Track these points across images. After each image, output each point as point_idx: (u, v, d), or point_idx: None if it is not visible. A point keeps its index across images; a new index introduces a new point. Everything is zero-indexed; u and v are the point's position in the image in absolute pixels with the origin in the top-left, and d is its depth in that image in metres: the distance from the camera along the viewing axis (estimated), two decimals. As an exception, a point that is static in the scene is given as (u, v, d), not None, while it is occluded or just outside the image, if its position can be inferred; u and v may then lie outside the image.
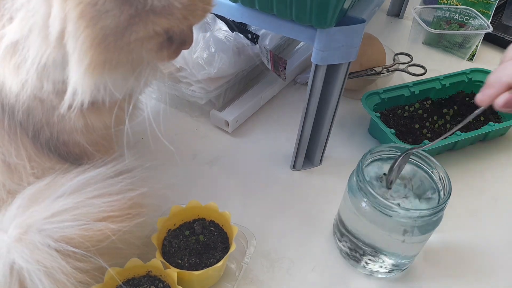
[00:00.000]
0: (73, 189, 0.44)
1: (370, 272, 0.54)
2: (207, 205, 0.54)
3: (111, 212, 0.43)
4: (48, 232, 0.40)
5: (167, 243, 0.52)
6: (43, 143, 0.47)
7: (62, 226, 0.40)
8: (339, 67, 0.54)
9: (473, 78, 0.79)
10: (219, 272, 0.52)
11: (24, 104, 0.42)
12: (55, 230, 0.40)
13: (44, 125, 0.46)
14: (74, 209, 0.42)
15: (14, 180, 0.44)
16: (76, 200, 0.42)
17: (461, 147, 0.72)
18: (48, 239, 0.40)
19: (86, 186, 0.44)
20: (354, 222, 0.52)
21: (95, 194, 0.43)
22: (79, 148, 0.49)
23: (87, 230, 0.41)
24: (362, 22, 0.51)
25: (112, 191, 0.44)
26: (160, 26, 0.36)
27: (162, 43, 0.39)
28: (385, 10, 1.12)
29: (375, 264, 0.53)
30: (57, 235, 0.40)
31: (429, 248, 0.58)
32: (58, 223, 0.40)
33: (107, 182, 0.45)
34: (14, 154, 0.44)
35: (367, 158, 0.51)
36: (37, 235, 0.40)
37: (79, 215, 0.41)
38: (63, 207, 0.42)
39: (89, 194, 0.43)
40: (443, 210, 0.47)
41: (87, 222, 0.41)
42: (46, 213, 0.41)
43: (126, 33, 0.35)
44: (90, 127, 0.47)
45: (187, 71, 0.70)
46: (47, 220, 0.40)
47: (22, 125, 0.45)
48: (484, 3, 0.90)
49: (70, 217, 0.41)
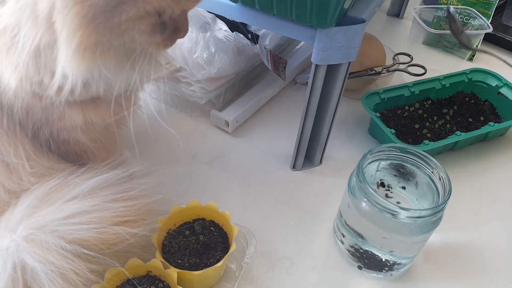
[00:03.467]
0: (87, 191, 0.44)
1: (369, 272, 0.54)
2: (207, 205, 0.54)
3: (127, 217, 0.43)
4: (61, 233, 0.40)
5: (167, 243, 0.52)
6: (43, 142, 0.47)
7: (77, 228, 0.40)
8: (339, 67, 0.54)
9: (473, 78, 0.79)
10: (219, 272, 0.52)
11: (23, 101, 0.42)
12: (70, 232, 0.40)
13: (44, 123, 0.45)
14: (90, 212, 0.42)
15: (14, 179, 0.44)
16: (91, 203, 0.43)
17: (461, 147, 0.72)
18: (61, 240, 0.40)
19: (101, 190, 0.45)
20: (355, 222, 0.52)
21: (111, 198, 0.44)
22: (79, 146, 0.49)
23: (103, 233, 0.41)
24: (362, 22, 0.51)
25: (128, 196, 0.45)
26: (150, 5, 0.36)
27: (154, 26, 0.38)
28: (385, 10, 1.12)
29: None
30: (70, 237, 0.40)
31: (429, 248, 0.58)
32: (73, 225, 0.41)
33: (123, 187, 0.46)
34: (13, 154, 0.44)
35: (367, 158, 0.51)
36: (49, 236, 0.40)
37: (95, 218, 0.42)
38: (78, 209, 0.42)
39: (105, 198, 0.44)
40: (443, 210, 0.47)
41: (104, 226, 0.41)
42: (60, 215, 0.41)
43: (117, 12, 0.34)
44: (90, 123, 0.47)
45: (187, 71, 0.70)
46: (61, 222, 0.41)
47: (21, 124, 0.45)
48: (484, 3, 0.90)
49: (86, 220, 0.41)
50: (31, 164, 0.45)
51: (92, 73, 0.40)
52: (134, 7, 0.35)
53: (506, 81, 0.76)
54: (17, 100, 0.42)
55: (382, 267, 0.53)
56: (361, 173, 0.49)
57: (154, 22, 0.38)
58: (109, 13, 0.34)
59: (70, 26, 0.33)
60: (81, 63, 0.36)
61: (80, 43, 0.34)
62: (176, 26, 0.41)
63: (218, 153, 0.70)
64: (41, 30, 0.34)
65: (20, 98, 0.42)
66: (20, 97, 0.42)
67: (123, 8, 0.34)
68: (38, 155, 0.46)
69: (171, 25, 0.41)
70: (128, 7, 0.35)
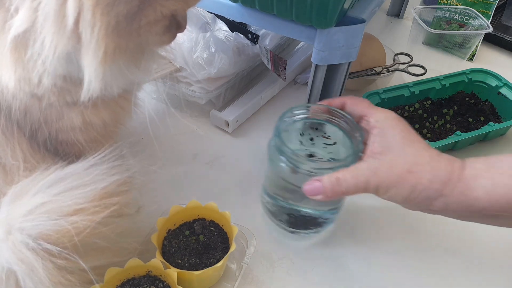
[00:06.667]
0: (51, 182, 0.41)
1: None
2: (207, 205, 0.54)
3: (82, 204, 0.40)
4: (27, 230, 0.38)
5: (167, 243, 0.52)
6: (40, 143, 0.47)
7: (37, 223, 0.38)
8: (339, 67, 0.54)
9: (473, 78, 0.79)
10: (219, 272, 0.52)
11: (22, 102, 0.42)
12: (33, 227, 0.38)
13: (42, 124, 0.45)
14: (48, 204, 0.39)
15: (7, 181, 0.43)
16: (51, 193, 0.40)
17: (461, 147, 0.72)
18: (27, 238, 0.38)
19: (64, 179, 0.42)
20: (279, 189, 0.52)
21: (69, 187, 0.41)
22: (77, 147, 0.49)
23: (60, 225, 0.38)
24: (362, 22, 0.51)
25: (86, 182, 0.42)
26: (168, 9, 0.37)
27: (167, 26, 0.40)
28: (385, 10, 1.12)
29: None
30: (34, 233, 0.38)
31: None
32: (34, 220, 0.38)
33: (84, 173, 0.43)
34: (10, 155, 0.43)
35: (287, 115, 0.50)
36: (18, 234, 0.38)
37: (52, 210, 0.39)
38: (38, 202, 0.39)
39: (64, 187, 0.41)
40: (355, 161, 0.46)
41: (59, 216, 0.39)
42: (24, 210, 0.39)
43: (137, 18, 0.36)
44: (89, 124, 0.46)
45: (187, 71, 0.70)
46: (25, 218, 0.38)
47: (19, 125, 0.45)
48: (484, 3, 0.90)
49: (44, 212, 0.39)
50: (26, 165, 0.44)
51: (110, 76, 0.40)
52: (153, 12, 0.36)
53: (506, 81, 0.76)
54: (16, 100, 0.42)
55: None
56: (279, 135, 0.48)
57: (167, 23, 0.40)
58: (130, 19, 0.35)
59: (98, 36, 0.34)
60: (105, 69, 0.37)
61: (105, 51, 0.35)
62: (179, 22, 0.43)
63: (218, 153, 0.70)
64: (65, 39, 0.35)
65: (19, 99, 0.42)
66: (19, 97, 0.41)
67: (143, 13, 0.36)
68: (35, 156, 0.46)
69: (175, 23, 0.42)
70: (147, 12, 0.36)
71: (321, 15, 0.47)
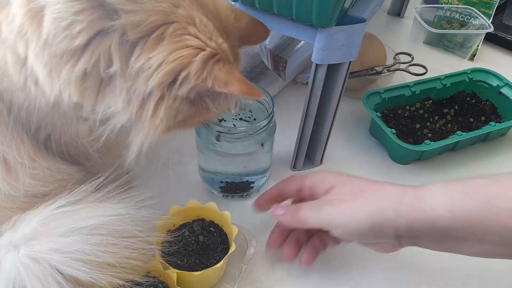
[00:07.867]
0: (93, 227, 0.42)
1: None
2: (207, 205, 0.54)
3: (112, 259, 0.41)
4: (59, 267, 0.39)
5: (166, 243, 0.51)
6: (41, 142, 0.46)
7: (75, 266, 0.39)
8: (340, 66, 0.54)
9: (474, 78, 0.79)
10: (219, 272, 0.52)
11: (40, 112, 0.42)
12: (67, 268, 0.39)
13: (48, 125, 0.45)
14: (90, 254, 0.40)
15: (10, 180, 0.43)
16: (84, 239, 0.41)
17: (462, 147, 0.72)
18: (57, 274, 0.39)
19: (105, 225, 0.42)
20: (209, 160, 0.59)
21: (113, 241, 0.42)
22: (86, 157, 0.49)
23: (94, 278, 0.39)
24: (362, 21, 0.51)
25: (112, 232, 0.42)
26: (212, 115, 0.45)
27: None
28: (386, 10, 1.11)
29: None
30: (66, 273, 0.39)
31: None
32: (72, 262, 0.39)
33: (109, 220, 0.43)
34: (16, 153, 0.43)
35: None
36: (47, 264, 0.39)
37: (86, 259, 0.40)
38: (81, 245, 0.40)
39: (97, 237, 0.41)
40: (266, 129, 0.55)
41: (93, 267, 0.40)
42: (59, 246, 0.40)
43: (190, 119, 0.43)
44: (105, 153, 0.48)
45: (187, 70, 0.70)
46: (61, 256, 0.39)
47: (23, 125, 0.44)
48: (485, 3, 0.90)
49: (78, 260, 0.40)
50: (33, 165, 0.44)
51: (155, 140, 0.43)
52: (200, 117, 0.44)
53: (507, 81, 0.76)
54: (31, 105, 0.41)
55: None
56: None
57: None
58: (184, 120, 0.42)
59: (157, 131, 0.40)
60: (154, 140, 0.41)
61: (161, 132, 0.40)
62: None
63: (218, 153, 0.70)
64: (128, 116, 0.39)
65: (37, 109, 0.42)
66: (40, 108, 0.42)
67: (194, 116, 0.43)
68: (37, 155, 0.46)
69: None
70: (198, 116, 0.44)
71: (322, 14, 0.47)
